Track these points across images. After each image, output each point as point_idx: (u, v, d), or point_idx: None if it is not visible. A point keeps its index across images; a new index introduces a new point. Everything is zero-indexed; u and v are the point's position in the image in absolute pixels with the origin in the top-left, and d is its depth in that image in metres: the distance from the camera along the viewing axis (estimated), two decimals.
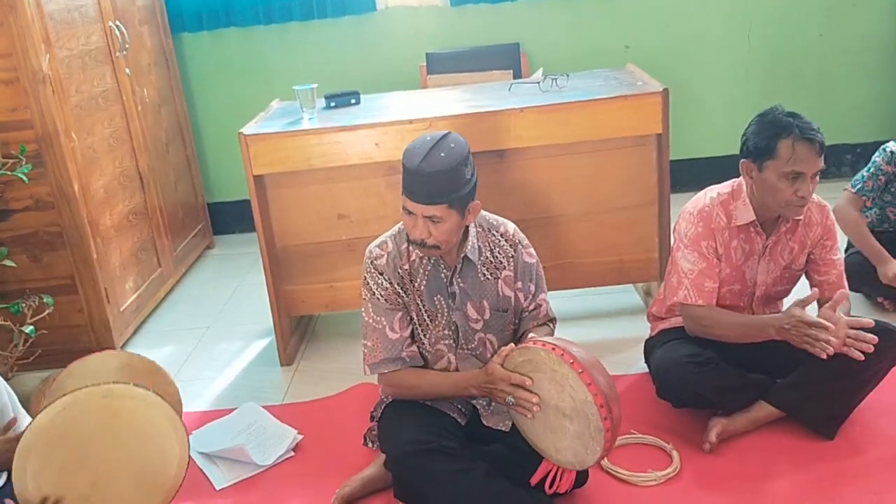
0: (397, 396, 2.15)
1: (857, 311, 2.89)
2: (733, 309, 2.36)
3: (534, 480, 1.96)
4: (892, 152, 2.90)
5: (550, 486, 1.95)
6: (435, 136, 1.98)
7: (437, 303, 2.13)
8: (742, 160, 2.22)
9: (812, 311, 2.24)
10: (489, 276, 2.14)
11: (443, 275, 2.12)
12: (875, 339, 2.03)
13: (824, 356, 2.02)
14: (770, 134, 2.13)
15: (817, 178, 2.14)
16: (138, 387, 1.84)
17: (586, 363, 1.81)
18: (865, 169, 2.95)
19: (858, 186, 2.93)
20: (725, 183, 2.31)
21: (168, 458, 1.87)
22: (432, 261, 2.10)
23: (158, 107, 3.76)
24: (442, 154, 1.93)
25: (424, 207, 1.95)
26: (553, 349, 1.82)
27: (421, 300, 2.12)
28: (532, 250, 2.19)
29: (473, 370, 2.09)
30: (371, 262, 2.11)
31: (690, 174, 3.94)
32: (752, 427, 2.26)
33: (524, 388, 1.89)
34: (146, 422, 1.84)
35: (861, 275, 2.93)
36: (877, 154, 2.94)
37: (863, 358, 2.03)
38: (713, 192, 2.30)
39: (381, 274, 2.10)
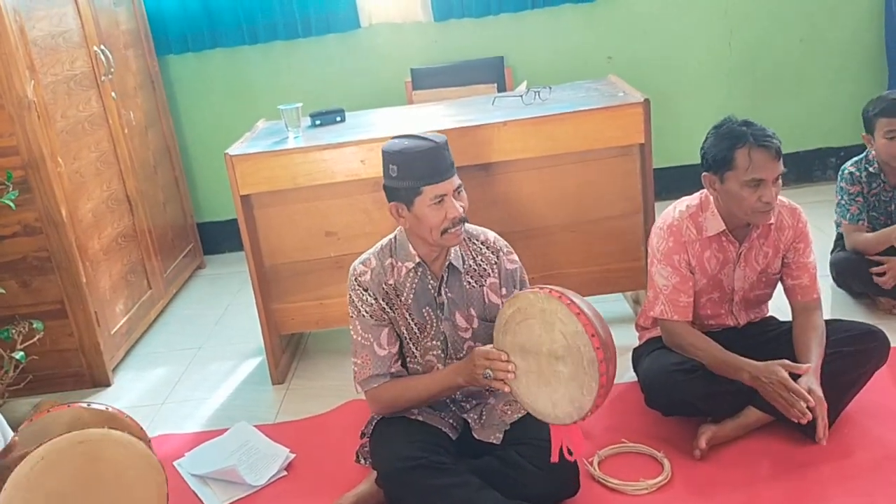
0: (386, 411, 2.15)
1: (845, 310, 2.91)
2: (716, 316, 2.38)
3: (553, 458, 1.93)
4: (850, 172, 2.97)
5: (570, 454, 1.92)
6: (396, 138, 2.08)
7: (425, 314, 2.14)
8: (703, 173, 2.25)
9: (786, 308, 2.28)
10: (474, 284, 2.16)
11: (430, 286, 2.13)
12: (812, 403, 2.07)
13: (795, 421, 2.07)
14: (726, 145, 2.15)
15: (779, 181, 2.16)
16: (113, 430, 1.87)
17: (574, 296, 1.81)
18: (840, 199, 3.00)
19: (848, 216, 2.96)
20: (693, 195, 2.33)
21: (148, 496, 1.90)
22: (419, 273, 2.12)
23: (145, 129, 3.78)
24: (426, 134, 2.04)
25: (452, 180, 2.02)
26: (540, 289, 1.83)
27: (409, 313, 2.13)
28: (514, 256, 2.21)
29: (455, 363, 2.11)
30: (355, 279, 2.12)
31: (675, 182, 3.97)
32: (742, 432, 2.27)
33: (500, 360, 1.91)
34: (124, 464, 1.87)
35: (852, 272, 2.96)
36: (839, 181, 3.00)
37: (805, 421, 2.07)
38: (682, 205, 2.33)
39: (366, 290, 2.11)
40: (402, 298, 2.12)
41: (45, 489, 1.78)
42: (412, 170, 1.99)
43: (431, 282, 2.13)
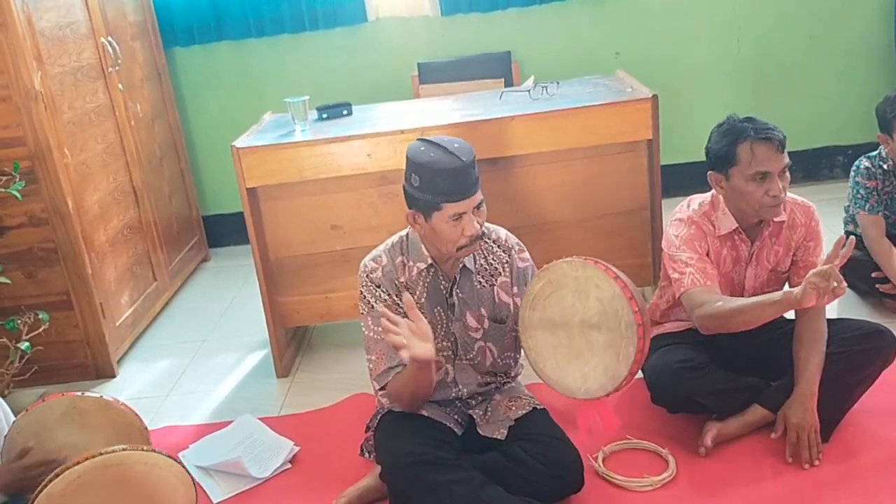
0: (400, 403, 2.12)
1: (852, 310, 2.90)
2: None
3: (582, 436, 1.94)
4: (866, 167, 2.93)
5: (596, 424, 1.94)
6: (428, 141, 2.00)
7: (436, 315, 2.13)
8: (709, 172, 2.24)
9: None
10: (485, 284, 2.15)
11: (442, 286, 2.11)
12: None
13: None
14: (728, 141, 2.15)
15: (787, 174, 2.15)
16: (147, 450, 1.88)
17: (608, 263, 1.78)
18: (855, 194, 2.96)
19: (868, 206, 2.92)
20: (705, 194, 2.32)
21: None
22: (431, 273, 2.10)
23: (152, 121, 3.78)
24: (457, 145, 1.97)
25: (474, 198, 1.97)
26: (575, 258, 1.80)
27: (420, 312, 2.12)
28: (526, 254, 2.20)
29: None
30: (367, 275, 2.10)
31: (682, 178, 3.95)
32: (747, 430, 2.27)
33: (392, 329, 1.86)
34: (157, 484, 1.87)
35: (859, 271, 2.94)
36: (854, 176, 2.95)
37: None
38: (694, 203, 2.32)
39: (378, 286, 2.09)
40: (414, 298, 2.10)
41: None
42: (435, 185, 1.94)
43: (443, 283, 2.11)
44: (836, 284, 1.87)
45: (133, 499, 1.86)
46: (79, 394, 2.15)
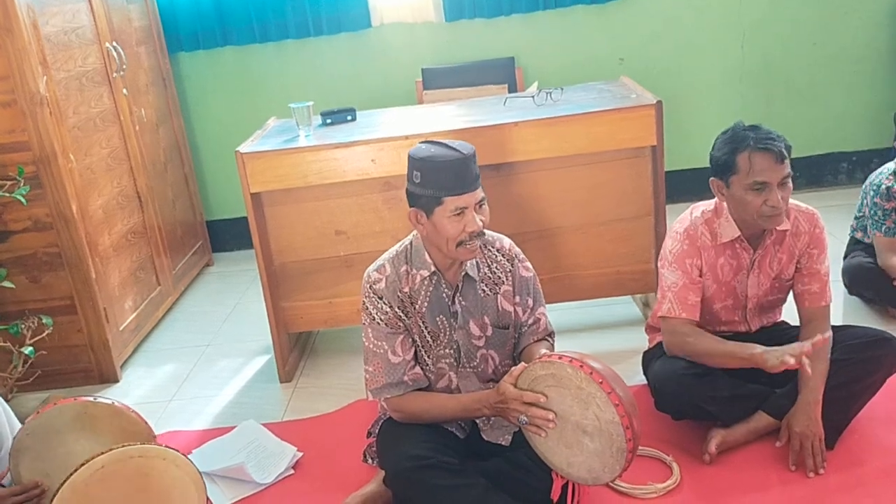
0: (405, 421, 2.13)
1: (858, 317, 2.90)
2: (729, 323, 2.37)
3: (555, 496, 1.95)
4: (887, 188, 2.86)
5: (573, 499, 1.95)
6: (429, 141, 2.03)
7: (439, 323, 2.12)
8: (710, 179, 2.24)
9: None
10: (489, 292, 2.14)
11: (444, 295, 2.11)
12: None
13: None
14: (728, 149, 2.15)
15: (788, 183, 2.13)
16: (169, 448, 1.91)
17: (612, 381, 1.79)
18: (872, 214, 2.91)
19: (884, 229, 2.88)
20: (709, 201, 2.32)
21: None
22: (433, 281, 2.09)
23: (156, 126, 3.78)
24: (455, 143, 1.99)
25: (474, 193, 1.97)
26: (581, 367, 1.80)
27: (423, 322, 2.11)
28: (528, 264, 2.20)
29: (484, 391, 2.07)
30: (370, 286, 2.10)
31: (686, 185, 3.96)
32: (752, 437, 2.26)
33: (538, 406, 1.87)
34: (173, 482, 1.89)
35: (865, 280, 2.93)
36: (873, 196, 2.89)
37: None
38: (697, 210, 2.32)
39: (381, 298, 2.08)
40: (417, 307, 2.10)
41: (98, 497, 1.82)
42: (435, 179, 1.95)
43: (446, 290, 2.11)
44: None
45: (152, 493, 1.87)
46: (91, 398, 2.15)
